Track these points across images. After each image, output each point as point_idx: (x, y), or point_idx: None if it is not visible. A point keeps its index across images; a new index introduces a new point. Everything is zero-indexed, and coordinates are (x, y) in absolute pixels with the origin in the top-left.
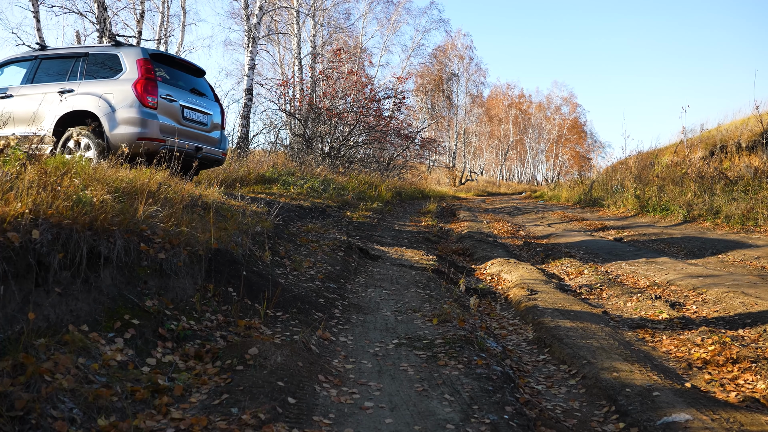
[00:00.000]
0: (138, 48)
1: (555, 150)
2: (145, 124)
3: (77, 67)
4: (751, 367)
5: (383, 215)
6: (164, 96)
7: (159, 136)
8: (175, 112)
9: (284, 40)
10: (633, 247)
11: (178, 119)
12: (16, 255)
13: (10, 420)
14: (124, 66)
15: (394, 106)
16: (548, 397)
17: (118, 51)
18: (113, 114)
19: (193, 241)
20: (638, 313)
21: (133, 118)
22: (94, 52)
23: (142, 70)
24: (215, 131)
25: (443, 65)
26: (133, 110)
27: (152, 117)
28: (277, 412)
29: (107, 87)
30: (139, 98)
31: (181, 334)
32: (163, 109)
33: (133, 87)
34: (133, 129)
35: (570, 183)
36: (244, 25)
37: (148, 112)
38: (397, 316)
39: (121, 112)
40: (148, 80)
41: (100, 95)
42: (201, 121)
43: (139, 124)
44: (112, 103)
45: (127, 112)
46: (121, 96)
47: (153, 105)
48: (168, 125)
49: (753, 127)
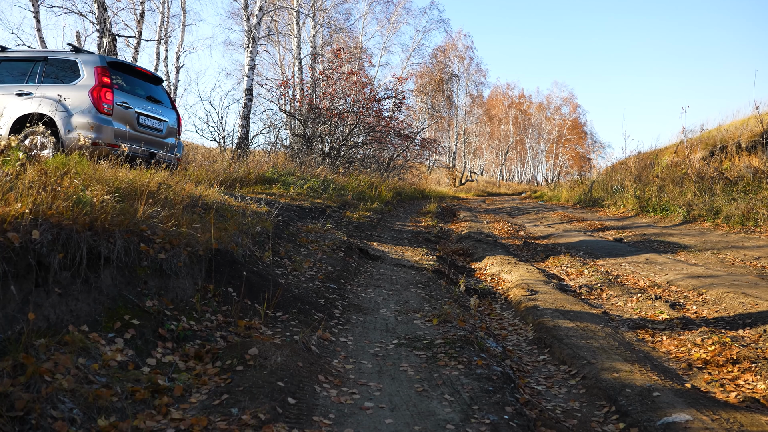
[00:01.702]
0: (96, 55)
1: (555, 150)
2: (100, 130)
3: (36, 71)
4: (751, 367)
5: (383, 215)
6: (120, 103)
7: (113, 141)
8: (131, 119)
9: (284, 40)
10: (633, 248)
11: (134, 125)
12: (16, 255)
13: (10, 420)
14: (82, 72)
15: (394, 106)
16: (548, 397)
17: (77, 57)
18: (69, 118)
19: (193, 241)
20: (638, 314)
21: (88, 122)
22: (53, 57)
23: (99, 77)
24: (170, 137)
25: (443, 65)
26: (88, 115)
27: (107, 123)
28: (277, 413)
29: (64, 92)
30: (94, 104)
31: (181, 335)
32: (118, 115)
33: (89, 93)
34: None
35: (570, 183)
36: (244, 25)
37: (102, 118)
38: (397, 317)
39: (77, 117)
40: (104, 87)
41: (57, 100)
42: (156, 127)
43: (94, 129)
44: (68, 108)
45: (82, 117)
46: (78, 101)
47: (108, 111)
48: (122, 131)
49: (753, 128)
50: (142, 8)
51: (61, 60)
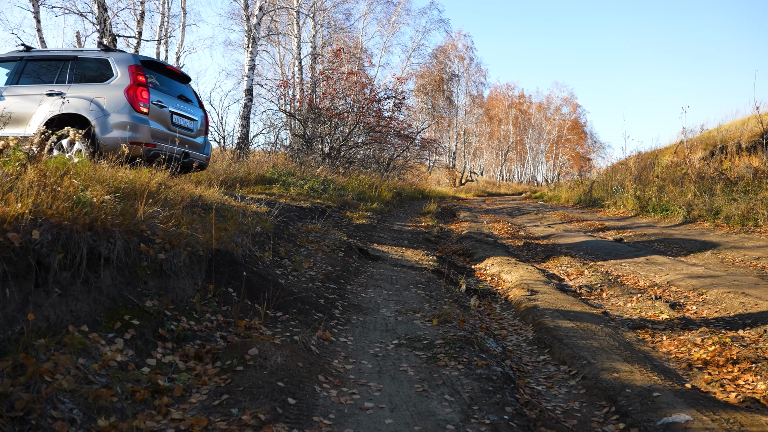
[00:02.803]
0: (129, 54)
1: (555, 150)
2: (138, 129)
3: (65, 71)
4: (751, 367)
5: (383, 216)
6: (155, 102)
7: (150, 141)
8: (165, 118)
9: (284, 40)
10: (633, 248)
11: (168, 125)
12: (16, 255)
13: (10, 420)
14: (116, 71)
15: (394, 106)
16: (548, 397)
17: (109, 56)
18: (105, 118)
19: (193, 241)
20: (638, 314)
21: (125, 122)
22: (83, 56)
23: (134, 76)
24: (200, 136)
25: (443, 66)
26: (125, 115)
27: (144, 122)
28: (277, 413)
29: (98, 92)
30: (131, 103)
31: (181, 335)
32: (154, 114)
33: (125, 92)
34: (125, 134)
35: (570, 183)
36: (244, 25)
37: (140, 118)
38: (397, 317)
39: (114, 117)
40: (140, 86)
41: (92, 99)
42: (188, 126)
43: (132, 129)
44: (103, 108)
45: (118, 117)
46: (113, 101)
47: (145, 111)
48: (159, 131)
49: (753, 128)
50: (142, 8)
51: (91, 59)
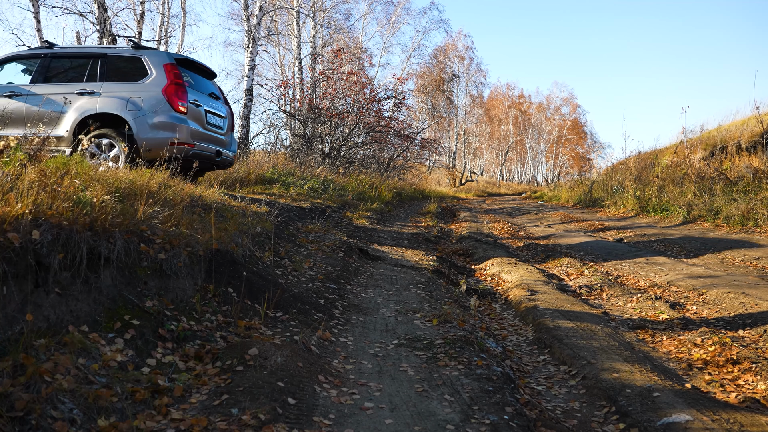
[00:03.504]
0: (162, 52)
1: (555, 150)
2: (177, 129)
3: (95, 69)
4: (751, 367)
5: (383, 216)
6: (192, 101)
7: (190, 141)
8: (201, 117)
9: (284, 40)
10: (633, 248)
11: (203, 124)
12: (16, 255)
13: (10, 420)
14: (150, 70)
15: (394, 106)
16: (548, 397)
17: (141, 54)
18: (144, 118)
19: (193, 241)
20: (638, 314)
21: (165, 123)
22: (112, 53)
23: (171, 75)
24: (228, 134)
25: (443, 66)
26: (164, 115)
27: (183, 122)
28: (277, 413)
29: (134, 91)
30: (170, 103)
31: (181, 335)
32: (192, 114)
33: (163, 92)
34: (166, 134)
35: (570, 183)
36: (244, 25)
37: (179, 117)
38: (397, 317)
39: (152, 117)
40: (177, 85)
41: (128, 99)
42: (219, 125)
43: (172, 128)
44: (141, 107)
45: (157, 117)
46: (151, 100)
47: (184, 110)
48: (196, 130)
49: (753, 128)
50: (142, 9)
51: (122, 57)
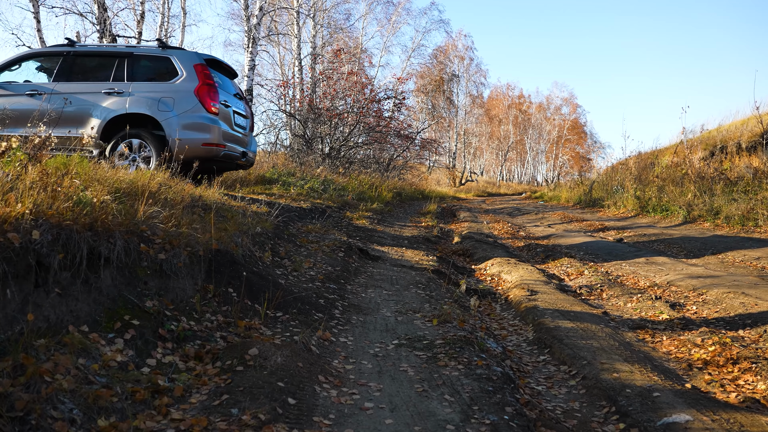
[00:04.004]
0: (191, 52)
1: (555, 150)
2: (210, 130)
3: (122, 68)
4: (751, 367)
5: (383, 216)
6: (222, 102)
7: (221, 142)
8: (229, 118)
9: (284, 40)
10: (633, 248)
11: (231, 125)
12: (17, 255)
13: (10, 420)
14: (180, 70)
15: (394, 106)
16: (548, 397)
17: (170, 54)
18: (175, 119)
19: (193, 241)
20: (638, 314)
21: (198, 123)
22: (139, 53)
23: (202, 75)
24: (249, 134)
25: (444, 66)
26: (198, 116)
27: (215, 123)
28: (277, 413)
29: (165, 91)
30: (202, 104)
31: (181, 335)
32: (222, 115)
33: (195, 92)
34: (198, 135)
35: (570, 183)
36: (244, 25)
37: (211, 118)
38: (397, 317)
39: (184, 118)
40: (209, 86)
41: (158, 99)
42: (243, 125)
43: (204, 129)
44: (172, 108)
45: (189, 118)
46: (183, 101)
47: (215, 111)
48: (226, 131)
49: (753, 128)
50: (143, 9)
51: (149, 56)
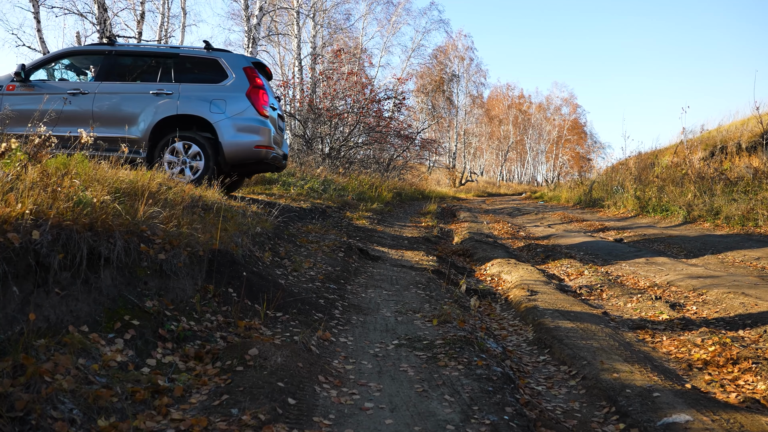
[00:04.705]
0: (239, 55)
1: (555, 151)
2: (262, 133)
3: (169, 69)
4: (751, 367)
5: (383, 216)
6: (270, 105)
7: (271, 144)
8: (275, 120)
9: (284, 40)
10: (633, 248)
11: (277, 127)
12: (17, 256)
13: (10, 421)
14: (229, 72)
15: (394, 106)
16: (548, 397)
17: (218, 56)
18: (228, 121)
19: (193, 241)
20: (638, 314)
21: (250, 126)
22: (185, 54)
23: (252, 78)
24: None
25: (444, 66)
26: (250, 118)
27: (266, 125)
28: (277, 413)
29: (216, 93)
30: (254, 106)
31: (181, 335)
32: (270, 118)
33: (247, 95)
34: (250, 137)
35: (570, 184)
36: (244, 25)
37: (263, 121)
38: (397, 317)
39: (237, 120)
40: (260, 89)
41: (210, 101)
42: (282, 127)
43: (256, 132)
44: (225, 111)
45: (243, 121)
46: (235, 104)
47: (266, 114)
48: (273, 134)
49: (753, 128)
50: (143, 9)
51: (196, 58)
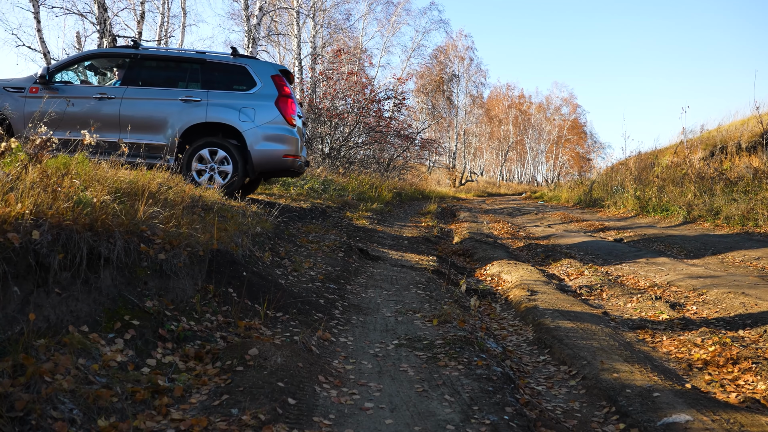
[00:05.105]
0: (267, 63)
1: (555, 150)
2: (290, 142)
3: (196, 75)
4: (751, 367)
5: (383, 216)
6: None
7: (298, 153)
8: (301, 128)
9: (284, 40)
10: (633, 248)
11: (302, 135)
12: (17, 256)
13: (10, 421)
14: (258, 80)
15: (394, 106)
16: (548, 397)
17: (245, 63)
18: (256, 130)
19: (193, 241)
20: (638, 314)
21: (279, 135)
22: (212, 60)
23: (280, 87)
24: None
25: (444, 66)
26: (279, 128)
27: (294, 134)
28: (277, 413)
29: (244, 101)
30: (283, 115)
31: (181, 335)
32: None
33: (276, 104)
34: (279, 146)
35: (570, 184)
36: (244, 25)
37: (291, 130)
38: (397, 317)
39: (266, 129)
40: (288, 98)
41: (239, 109)
42: (305, 133)
43: (285, 141)
44: (254, 119)
45: (271, 129)
46: (264, 112)
47: (294, 123)
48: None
49: (753, 128)
50: (143, 9)
51: (223, 64)
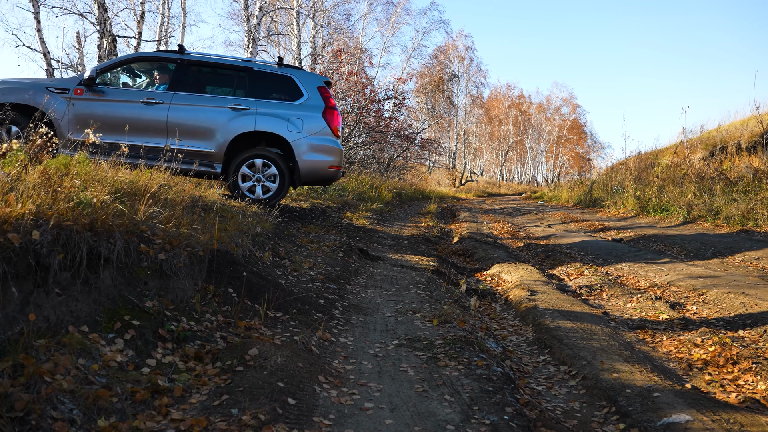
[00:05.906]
0: (313, 74)
1: (555, 151)
2: (335, 153)
3: (243, 83)
4: (751, 367)
5: (383, 216)
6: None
7: (341, 164)
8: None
9: (284, 41)
10: (633, 248)
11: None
12: (17, 256)
13: (10, 421)
14: (304, 91)
15: (394, 107)
16: (548, 397)
17: (291, 74)
18: (304, 140)
19: (193, 242)
20: (638, 314)
21: (327, 147)
22: (258, 69)
23: (326, 98)
24: None
25: (444, 66)
26: (326, 139)
27: (339, 146)
28: (277, 413)
29: (292, 111)
30: (330, 127)
31: (181, 335)
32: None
33: (323, 116)
34: (325, 157)
35: (570, 184)
36: (244, 26)
37: (336, 142)
38: (397, 317)
39: (313, 140)
40: (334, 110)
41: (288, 119)
42: None
43: (332, 153)
44: (302, 129)
45: (319, 140)
46: (312, 123)
47: (339, 135)
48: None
49: (753, 128)
50: (143, 9)
51: (270, 74)
